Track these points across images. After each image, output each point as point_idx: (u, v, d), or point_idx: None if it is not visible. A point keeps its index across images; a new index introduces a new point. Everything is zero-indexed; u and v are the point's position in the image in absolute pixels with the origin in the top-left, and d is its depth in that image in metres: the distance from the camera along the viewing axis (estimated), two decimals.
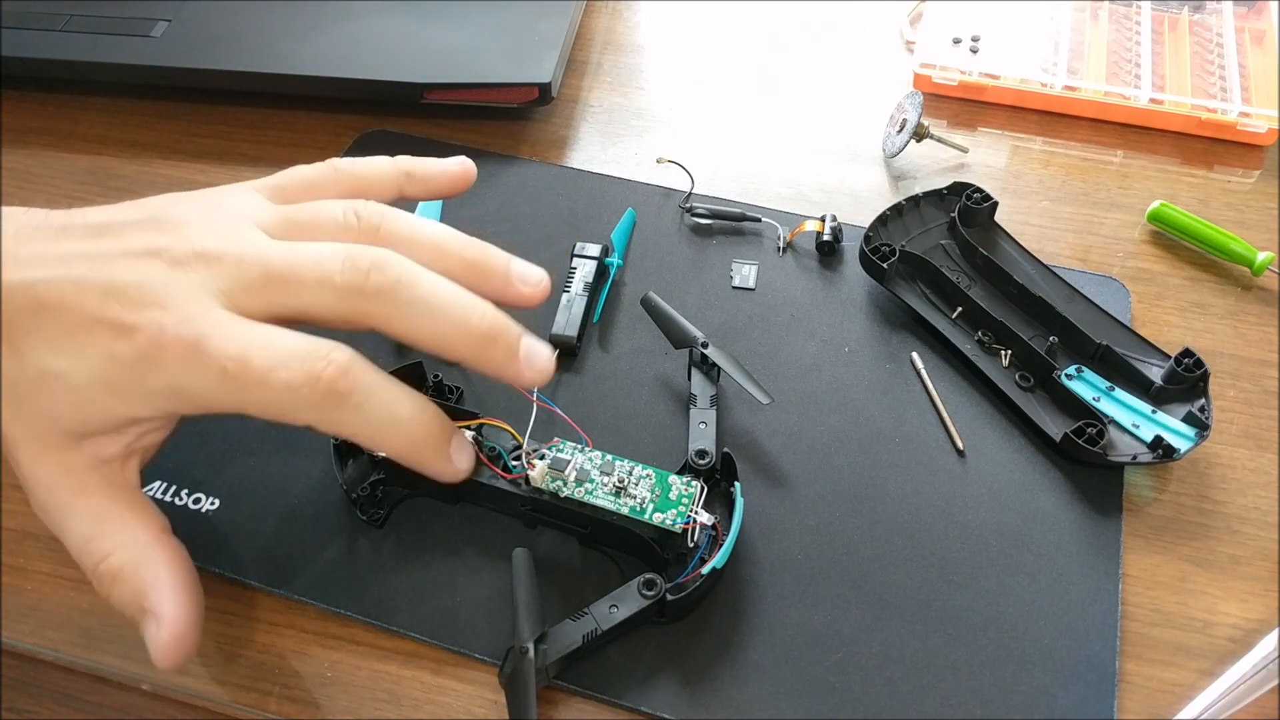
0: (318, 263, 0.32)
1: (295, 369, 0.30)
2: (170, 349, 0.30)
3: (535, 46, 0.56)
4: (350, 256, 0.32)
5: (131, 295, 0.31)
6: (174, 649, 0.31)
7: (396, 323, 0.33)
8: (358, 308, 0.32)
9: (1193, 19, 0.62)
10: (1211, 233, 0.50)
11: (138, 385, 0.31)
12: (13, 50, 0.55)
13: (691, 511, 0.37)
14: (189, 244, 0.32)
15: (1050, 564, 0.39)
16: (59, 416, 0.31)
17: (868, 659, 0.36)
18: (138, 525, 0.32)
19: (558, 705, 0.35)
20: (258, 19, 0.57)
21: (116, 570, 0.31)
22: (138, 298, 0.31)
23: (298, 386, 0.30)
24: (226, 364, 0.30)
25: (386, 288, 0.32)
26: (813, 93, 0.60)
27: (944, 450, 0.42)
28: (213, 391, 0.30)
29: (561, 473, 0.38)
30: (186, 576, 0.32)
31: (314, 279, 0.32)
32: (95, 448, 0.32)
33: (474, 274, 0.35)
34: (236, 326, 0.31)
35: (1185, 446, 0.40)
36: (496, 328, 0.33)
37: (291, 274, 0.32)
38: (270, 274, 0.32)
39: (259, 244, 0.33)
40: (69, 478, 0.32)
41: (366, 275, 0.32)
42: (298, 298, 0.32)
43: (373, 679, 0.36)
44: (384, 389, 0.32)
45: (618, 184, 0.53)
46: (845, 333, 0.46)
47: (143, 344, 0.30)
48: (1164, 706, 0.36)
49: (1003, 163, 0.56)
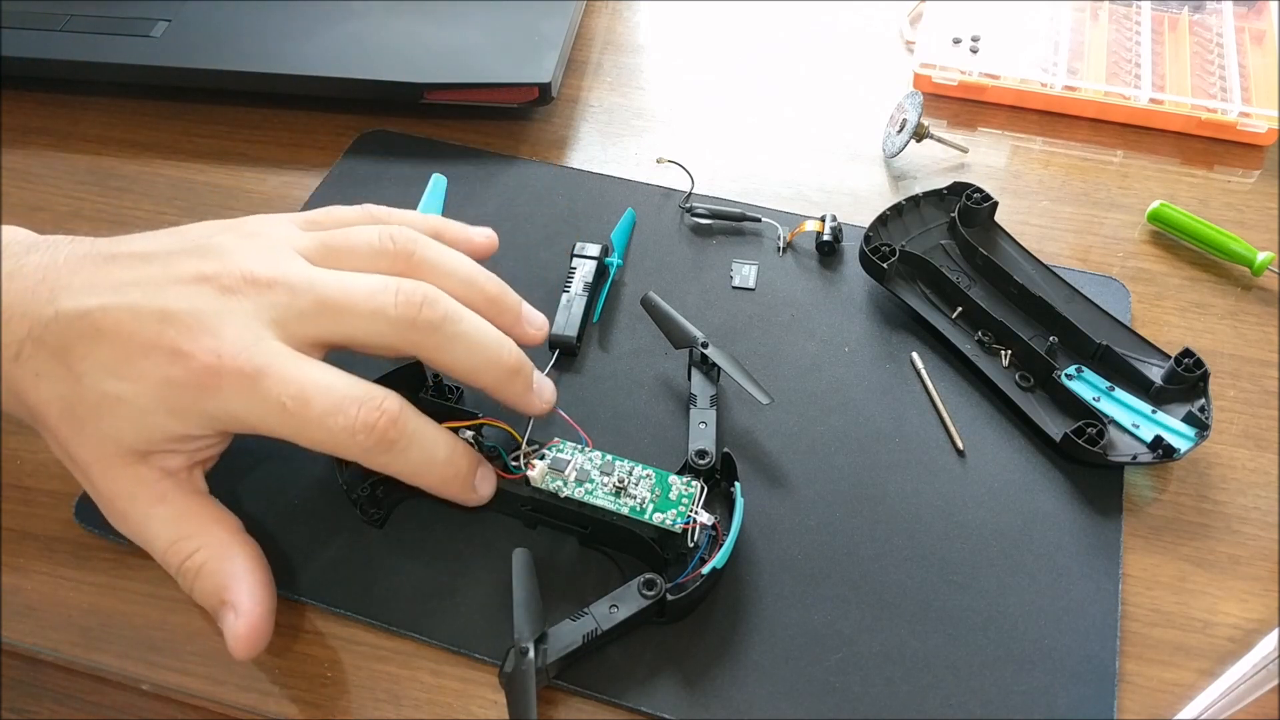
0: (370, 295, 0.34)
1: (353, 416, 0.32)
2: (228, 379, 0.32)
3: (535, 46, 0.56)
4: (403, 290, 0.35)
5: (186, 322, 0.32)
6: (250, 638, 0.33)
7: (441, 354, 0.35)
8: (408, 338, 0.35)
9: (1193, 19, 0.62)
10: (1211, 233, 0.50)
11: (195, 408, 0.32)
12: (13, 50, 0.55)
13: (691, 511, 0.37)
14: (238, 269, 0.33)
15: (1050, 564, 0.39)
16: (122, 437, 0.33)
17: (868, 659, 0.36)
18: (216, 526, 0.34)
19: (558, 705, 0.35)
20: (258, 19, 0.57)
21: (199, 567, 0.33)
22: (192, 324, 0.32)
23: (355, 432, 0.32)
24: (286, 401, 0.32)
25: (436, 322, 0.35)
26: (813, 93, 0.60)
27: (944, 450, 0.42)
28: (269, 423, 0.32)
29: (561, 473, 0.38)
30: (262, 572, 0.34)
31: (368, 310, 0.34)
32: (161, 461, 0.33)
33: (492, 309, 0.38)
34: (293, 362, 0.33)
35: (1185, 446, 0.40)
36: (520, 363, 0.37)
37: (346, 304, 0.34)
38: (324, 303, 0.34)
39: (308, 272, 0.34)
40: (145, 489, 0.33)
41: (419, 309, 0.34)
42: (350, 327, 0.34)
43: (373, 679, 0.36)
44: (425, 434, 0.34)
45: (618, 184, 0.53)
46: (845, 333, 0.46)
47: (199, 371, 0.32)
48: (1164, 706, 0.36)
49: (1003, 163, 0.56)
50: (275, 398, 0.32)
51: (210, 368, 0.32)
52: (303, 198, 0.51)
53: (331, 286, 0.34)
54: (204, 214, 0.51)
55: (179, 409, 0.32)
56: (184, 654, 0.36)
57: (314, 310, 0.34)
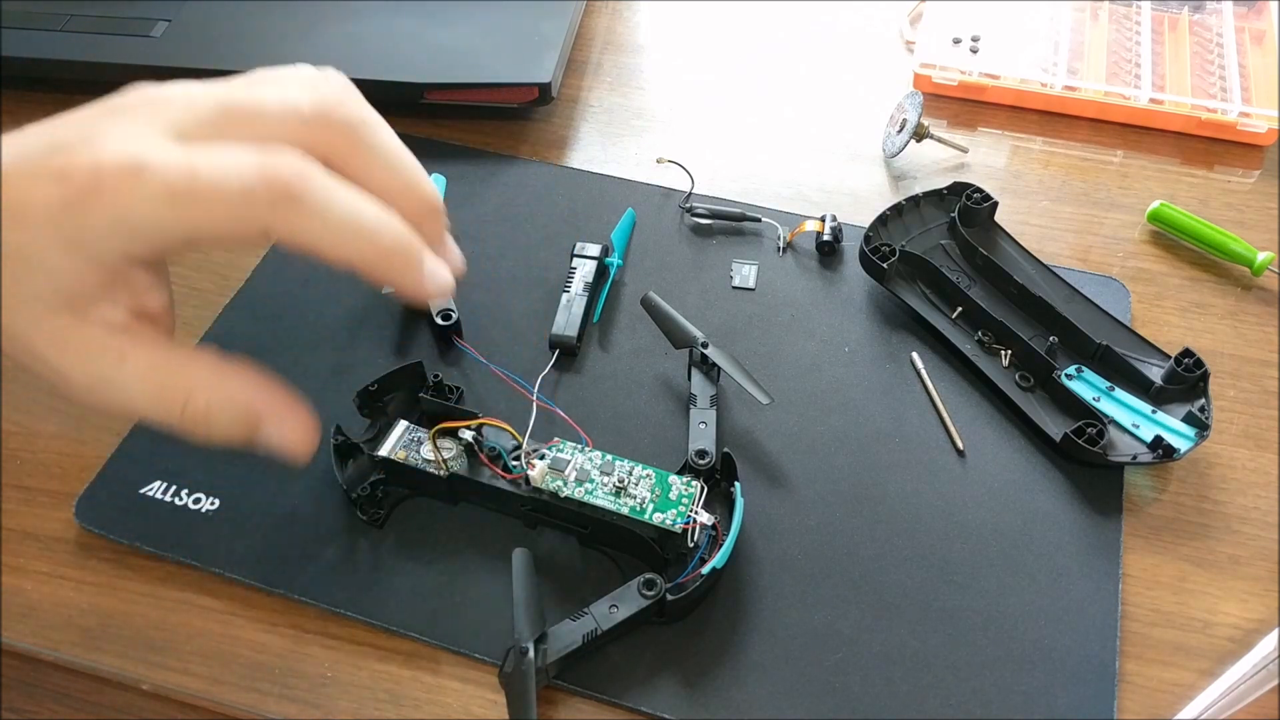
0: (282, 97, 0.31)
1: (248, 172, 0.29)
2: (108, 177, 0.28)
3: (535, 46, 0.56)
4: (314, 84, 0.32)
5: (72, 143, 0.29)
6: (307, 434, 0.32)
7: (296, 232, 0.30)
8: (319, 137, 0.31)
9: (1193, 19, 0.62)
10: (1211, 233, 0.50)
11: (87, 230, 0.29)
12: (13, 50, 0.55)
13: (691, 511, 0.37)
14: (140, 93, 0.31)
15: (1050, 564, 0.39)
16: (39, 292, 0.29)
17: (868, 659, 0.36)
18: (194, 363, 0.31)
19: (558, 705, 0.35)
20: (258, 19, 0.57)
21: (204, 407, 0.31)
22: (77, 143, 0.29)
23: (251, 188, 0.28)
24: (172, 180, 0.28)
25: (348, 121, 0.32)
26: (813, 93, 0.60)
27: (944, 450, 0.42)
28: (161, 216, 0.29)
29: (561, 473, 0.38)
30: (267, 377, 0.32)
31: (278, 111, 0.31)
32: (99, 315, 0.30)
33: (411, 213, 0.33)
34: (179, 147, 0.29)
35: (1185, 446, 0.40)
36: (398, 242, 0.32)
37: (253, 107, 0.31)
38: (226, 107, 0.30)
39: (215, 87, 0.31)
40: (100, 351, 0.30)
41: (332, 109, 0.31)
42: (256, 132, 0.30)
43: (373, 679, 0.36)
44: (344, 192, 0.30)
45: (618, 184, 0.53)
46: (845, 333, 0.46)
47: (81, 181, 0.28)
48: (1164, 706, 0.36)
49: (1003, 163, 0.56)
50: (160, 180, 0.28)
51: (90, 171, 0.28)
52: None
53: (239, 91, 0.31)
54: None
55: (74, 238, 0.28)
56: (184, 654, 0.36)
57: (213, 115, 0.30)
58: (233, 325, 0.46)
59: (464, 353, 0.45)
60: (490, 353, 0.44)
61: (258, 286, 0.47)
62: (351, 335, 0.45)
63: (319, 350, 0.45)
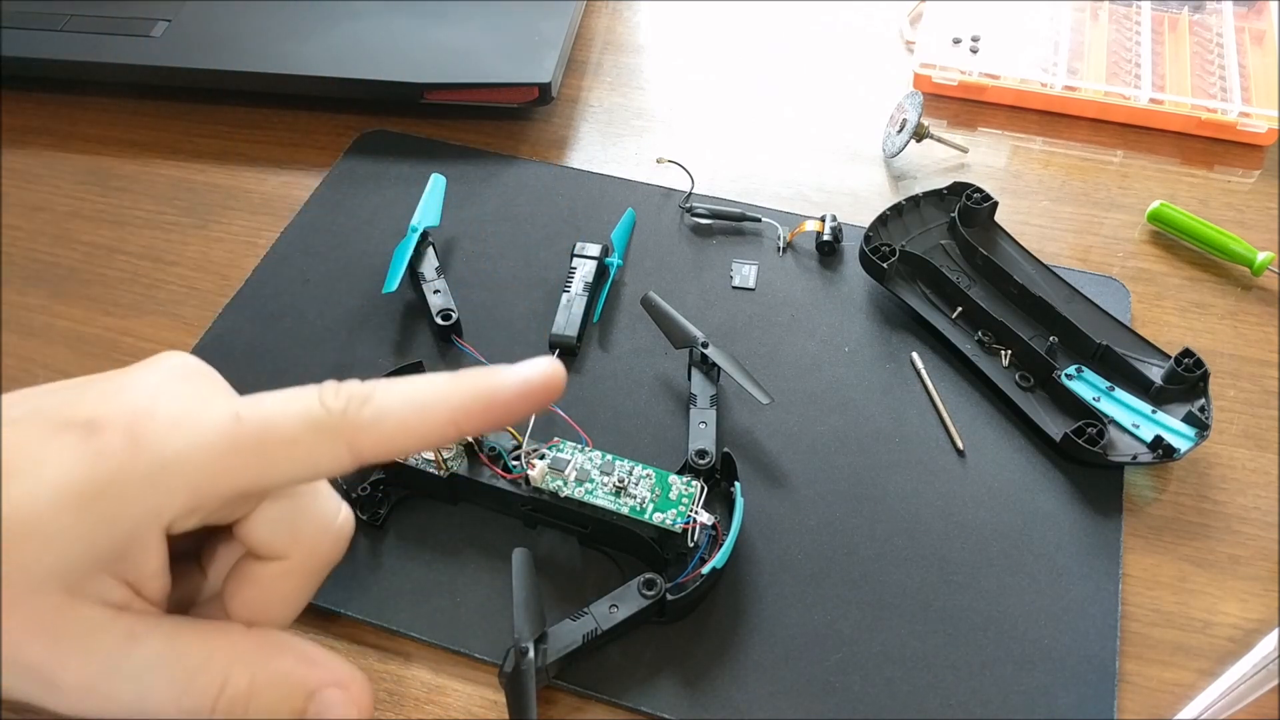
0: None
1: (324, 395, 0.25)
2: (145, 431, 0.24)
3: (535, 46, 0.56)
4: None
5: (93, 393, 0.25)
6: (369, 698, 0.27)
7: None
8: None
9: (1193, 19, 0.62)
10: (1211, 233, 0.50)
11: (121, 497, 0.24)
12: (13, 50, 0.55)
13: (691, 511, 0.37)
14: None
15: (1050, 564, 0.39)
16: (32, 567, 0.23)
17: (868, 659, 0.36)
18: (222, 632, 0.26)
19: (558, 705, 0.35)
20: (258, 19, 0.57)
21: (245, 689, 0.25)
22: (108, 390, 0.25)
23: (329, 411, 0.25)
24: (238, 410, 0.24)
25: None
26: (813, 93, 0.60)
27: (944, 450, 0.42)
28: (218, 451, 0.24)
29: (561, 472, 0.38)
30: (308, 644, 0.27)
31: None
32: (97, 593, 0.24)
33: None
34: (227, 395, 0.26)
35: (1185, 446, 0.40)
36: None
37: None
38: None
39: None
40: (104, 632, 0.24)
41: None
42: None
43: (373, 679, 0.36)
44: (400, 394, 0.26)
45: (618, 184, 0.53)
46: (845, 333, 0.46)
47: (117, 441, 0.24)
48: (1164, 706, 0.36)
49: (1003, 163, 0.56)
50: (220, 411, 0.24)
51: (129, 425, 0.24)
52: (303, 197, 0.51)
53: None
54: (204, 213, 0.52)
55: (100, 510, 0.23)
56: None
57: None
58: (233, 325, 0.46)
59: (464, 352, 0.45)
60: (490, 353, 0.44)
61: (258, 286, 0.47)
62: (351, 335, 0.45)
63: (319, 350, 0.45)
